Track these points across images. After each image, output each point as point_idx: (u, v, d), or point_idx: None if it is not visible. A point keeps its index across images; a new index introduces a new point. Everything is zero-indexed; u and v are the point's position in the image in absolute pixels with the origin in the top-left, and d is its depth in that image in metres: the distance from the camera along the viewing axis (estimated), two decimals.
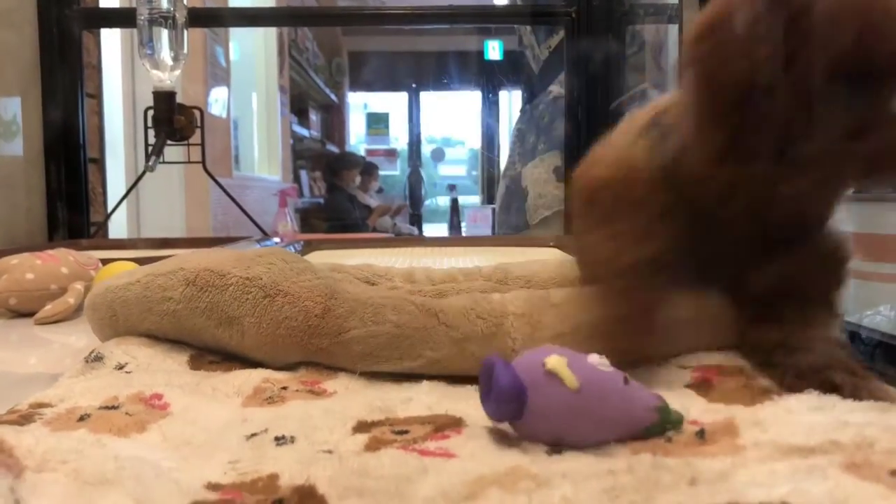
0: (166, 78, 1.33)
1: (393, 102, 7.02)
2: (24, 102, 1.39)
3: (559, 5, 1.61)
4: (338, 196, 4.43)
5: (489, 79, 5.82)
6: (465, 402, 0.43)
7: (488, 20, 3.87)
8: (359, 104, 7.09)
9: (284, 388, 0.46)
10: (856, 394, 0.41)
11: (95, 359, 0.50)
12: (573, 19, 1.54)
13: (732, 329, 0.50)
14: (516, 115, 2.33)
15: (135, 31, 1.36)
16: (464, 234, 5.34)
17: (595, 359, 0.37)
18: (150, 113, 1.35)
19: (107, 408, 0.41)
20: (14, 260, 0.83)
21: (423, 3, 1.82)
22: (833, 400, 0.41)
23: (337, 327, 0.48)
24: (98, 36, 1.62)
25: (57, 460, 0.32)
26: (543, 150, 1.59)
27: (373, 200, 4.82)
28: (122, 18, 1.52)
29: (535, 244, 1.32)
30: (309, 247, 1.38)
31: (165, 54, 1.33)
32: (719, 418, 0.39)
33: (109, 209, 1.60)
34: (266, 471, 0.34)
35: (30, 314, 0.80)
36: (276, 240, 2.83)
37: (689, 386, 0.44)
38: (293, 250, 1.27)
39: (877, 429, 0.35)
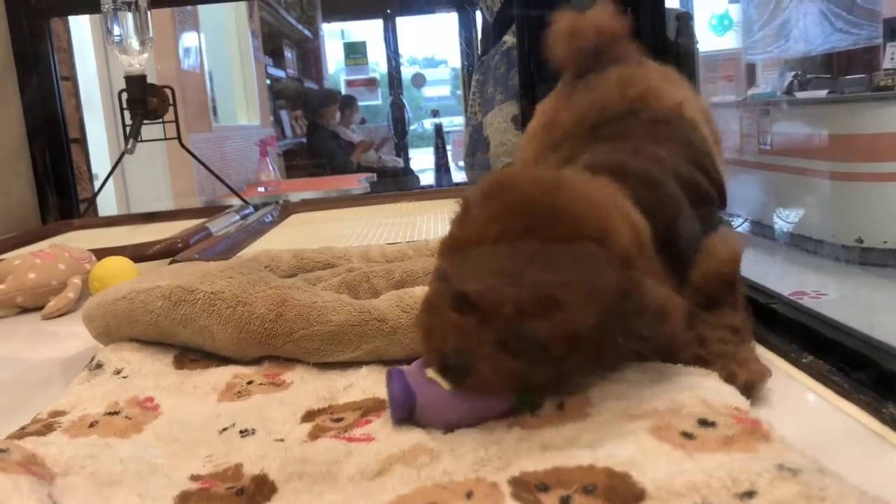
0: (135, 62, 1.41)
1: (369, 30, 6.96)
2: (1, 92, 1.47)
3: None
4: (320, 134, 4.48)
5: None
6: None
7: None
8: (336, 33, 7.02)
9: (250, 382, 0.58)
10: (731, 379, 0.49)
11: (97, 366, 0.61)
12: None
13: None
14: None
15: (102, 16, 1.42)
16: (449, 159, 5.41)
17: None
18: (124, 96, 1.44)
19: (110, 413, 0.53)
20: (16, 261, 0.94)
21: None
22: (674, 370, 0.52)
23: (288, 329, 0.60)
24: (66, 21, 1.68)
25: (77, 466, 0.44)
26: (501, 101, 1.67)
27: (356, 135, 4.87)
28: (87, 6, 1.58)
29: None
30: (286, 210, 1.48)
31: (133, 40, 1.40)
32: (581, 392, 0.51)
33: (95, 186, 1.70)
34: (233, 461, 0.45)
35: (35, 309, 0.91)
36: (261, 189, 2.92)
37: None
38: (270, 219, 1.37)
39: (689, 395, 0.47)
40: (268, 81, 4.42)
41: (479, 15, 5.96)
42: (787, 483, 0.32)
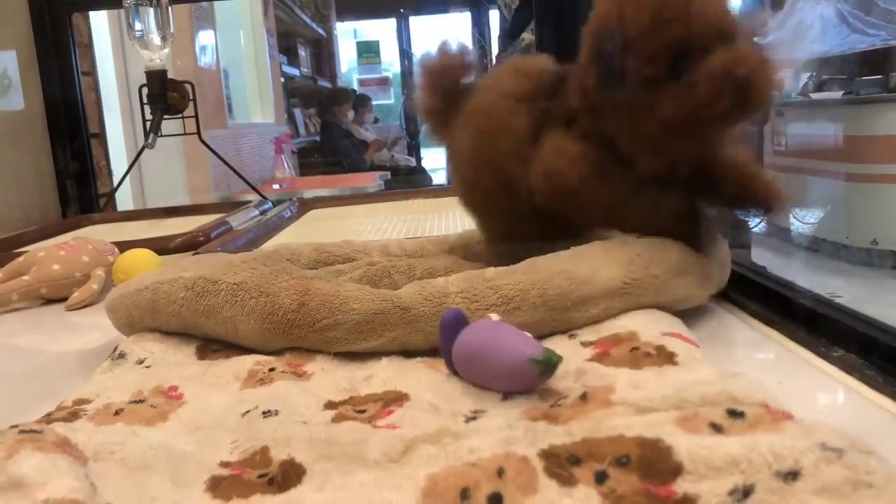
0: (156, 58, 1.42)
1: (382, 29, 6.97)
2: (24, 87, 1.48)
3: None
4: (333, 133, 4.50)
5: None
6: (413, 378, 0.55)
7: None
8: (349, 32, 7.03)
9: (272, 369, 0.58)
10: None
11: (119, 356, 0.62)
12: None
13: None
14: None
15: (121, 11, 1.44)
16: None
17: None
18: (144, 91, 1.45)
19: (135, 402, 0.53)
20: (40, 253, 0.95)
21: None
22: (700, 368, 0.51)
23: (311, 318, 0.60)
24: (87, 16, 1.70)
25: (107, 451, 0.44)
26: None
27: (369, 133, 4.88)
28: (109, 1, 1.59)
29: None
30: (304, 207, 1.49)
31: (154, 35, 1.41)
32: (605, 383, 0.51)
33: (114, 182, 1.71)
34: (259, 444, 0.46)
35: (59, 300, 0.92)
36: (276, 186, 2.94)
37: (589, 360, 0.56)
38: (288, 214, 1.38)
39: (716, 388, 0.47)
40: (282, 79, 4.44)
41: (492, 14, 5.97)
42: (832, 466, 0.32)
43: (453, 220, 1.24)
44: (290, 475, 0.41)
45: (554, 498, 0.35)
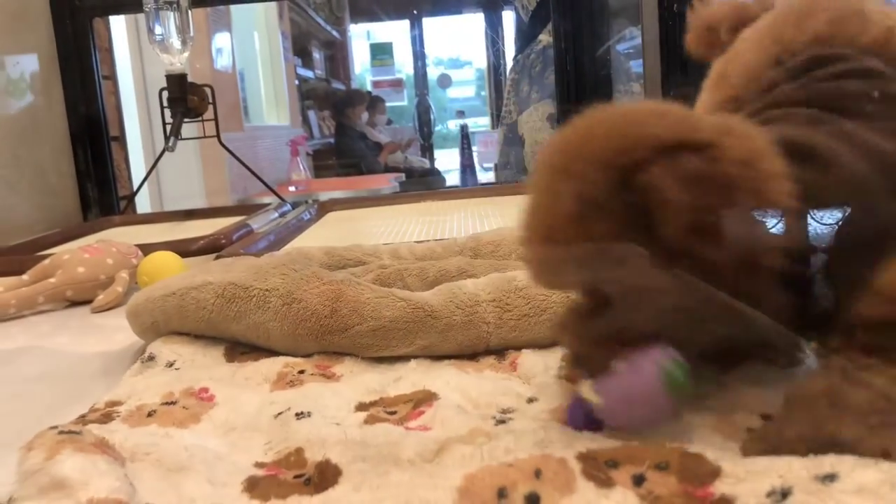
0: (176, 61, 1.43)
1: (396, 31, 6.97)
2: (45, 92, 1.50)
3: None
4: (347, 135, 4.51)
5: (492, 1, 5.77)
6: (441, 379, 0.55)
7: None
8: (362, 34, 7.05)
9: (302, 371, 0.59)
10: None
11: (149, 358, 0.62)
12: None
13: None
14: None
15: (141, 15, 1.45)
16: (474, 160, 5.41)
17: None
18: (165, 94, 1.46)
19: (167, 403, 0.54)
20: (65, 255, 0.96)
21: None
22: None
23: (343, 325, 0.60)
24: (107, 21, 1.71)
25: (142, 452, 0.45)
26: (537, 99, 1.68)
27: (383, 136, 4.89)
28: (130, 5, 1.61)
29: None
30: (323, 209, 1.50)
31: (174, 39, 1.42)
32: None
33: (134, 184, 1.72)
34: (293, 445, 0.46)
35: (84, 302, 0.93)
36: (292, 188, 2.95)
37: None
38: (307, 216, 1.39)
39: (750, 393, 0.47)
40: (296, 82, 4.46)
41: (505, 15, 5.97)
42: (868, 470, 0.32)
43: (470, 220, 1.24)
44: (326, 476, 0.42)
45: (592, 499, 0.35)
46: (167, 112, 1.47)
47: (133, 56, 2.01)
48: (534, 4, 1.76)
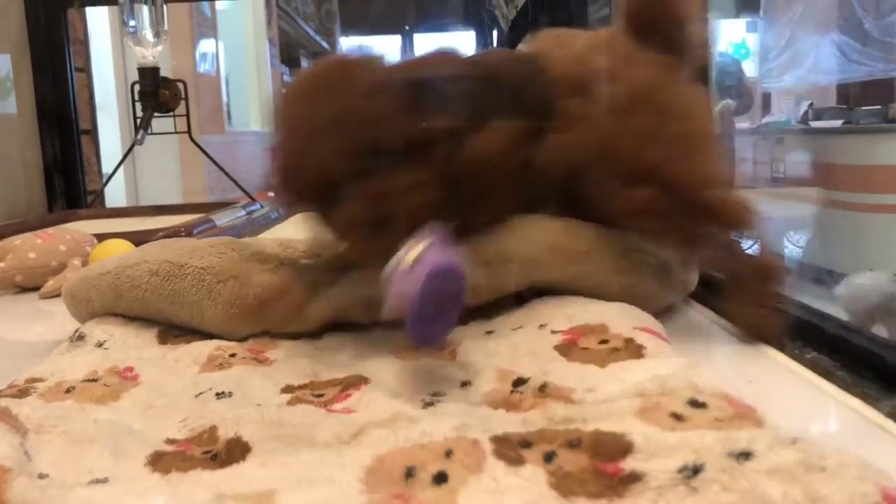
0: (149, 54, 1.41)
1: (387, 46, 7.00)
2: (16, 81, 1.48)
3: None
4: None
5: (481, 18, 5.81)
6: (376, 365, 0.53)
7: None
8: (354, 47, 7.06)
9: (233, 354, 0.57)
10: None
11: (79, 338, 0.60)
12: None
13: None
14: None
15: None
16: None
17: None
18: (137, 87, 1.44)
19: (88, 380, 0.52)
20: (17, 240, 0.93)
21: None
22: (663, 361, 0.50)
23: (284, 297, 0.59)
24: (83, 12, 1.70)
25: (50, 425, 0.43)
26: None
27: None
28: None
29: None
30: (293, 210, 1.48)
31: (147, 32, 1.40)
32: (567, 381, 0.49)
33: (104, 178, 1.70)
34: (208, 423, 0.44)
35: (34, 289, 0.91)
36: (271, 194, 2.93)
37: (556, 348, 0.54)
38: (275, 215, 1.37)
39: (678, 380, 0.45)
40: (283, 90, 4.45)
41: (496, 33, 6.01)
42: (785, 449, 0.31)
43: None
44: (234, 452, 0.40)
45: (500, 476, 0.34)
46: (139, 106, 1.45)
47: (115, 49, 2.00)
48: (513, 14, 1.76)
